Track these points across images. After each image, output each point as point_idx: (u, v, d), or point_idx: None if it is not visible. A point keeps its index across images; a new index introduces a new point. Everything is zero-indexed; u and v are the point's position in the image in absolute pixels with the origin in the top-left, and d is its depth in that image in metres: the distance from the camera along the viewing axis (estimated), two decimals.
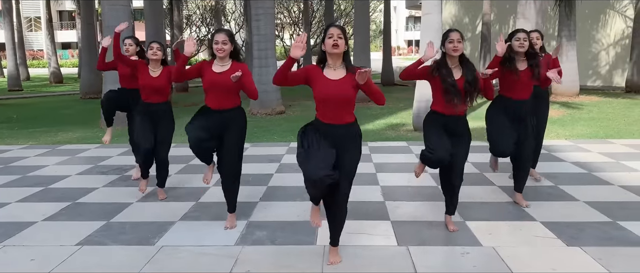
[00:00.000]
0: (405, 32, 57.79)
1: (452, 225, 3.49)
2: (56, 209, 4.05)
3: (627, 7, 15.80)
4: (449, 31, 3.26)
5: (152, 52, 4.11)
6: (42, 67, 37.15)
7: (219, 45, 3.34)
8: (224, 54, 3.37)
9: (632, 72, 13.72)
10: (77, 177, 5.18)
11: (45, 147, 6.96)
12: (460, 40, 3.21)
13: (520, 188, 4.05)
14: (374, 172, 5.21)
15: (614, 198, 4.20)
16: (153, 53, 4.11)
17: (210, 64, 3.43)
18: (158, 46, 4.14)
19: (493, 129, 3.90)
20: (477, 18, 18.49)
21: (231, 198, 3.56)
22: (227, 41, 3.36)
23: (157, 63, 4.17)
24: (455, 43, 3.19)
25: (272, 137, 7.52)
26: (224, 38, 3.36)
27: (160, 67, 4.19)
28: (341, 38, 2.68)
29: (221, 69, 3.39)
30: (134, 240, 3.34)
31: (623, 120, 8.57)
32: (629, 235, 3.36)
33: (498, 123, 3.85)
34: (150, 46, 4.15)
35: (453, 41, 3.19)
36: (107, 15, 8.64)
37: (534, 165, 4.72)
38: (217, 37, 3.36)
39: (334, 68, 2.73)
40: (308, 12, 22.56)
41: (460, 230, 3.47)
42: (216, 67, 3.41)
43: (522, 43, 3.73)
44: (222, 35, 3.37)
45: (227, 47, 3.36)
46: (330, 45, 2.67)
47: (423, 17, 8.10)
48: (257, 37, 10.41)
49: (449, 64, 3.25)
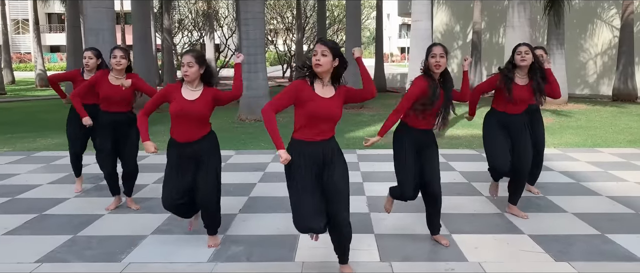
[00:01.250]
0: (398, 40, 58.09)
1: (443, 239, 3.34)
2: (20, 222, 3.82)
3: (614, 17, 15.95)
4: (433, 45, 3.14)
5: (116, 61, 3.79)
6: (30, 70, 36.59)
7: (185, 68, 3.04)
8: (189, 79, 3.05)
9: (618, 81, 13.81)
10: (48, 186, 4.96)
11: (20, 153, 6.71)
12: (443, 54, 3.05)
13: (515, 201, 3.92)
14: (361, 181, 5.06)
15: (602, 210, 4.10)
16: (117, 62, 3.80)
17: (178, 87, 3.11)
18: (122, 54, 3.83)
19: (489, 145, 3.79)
20: (467, 26, 18.54)
21: (212, 225, 3.29)
22: (193, 63, 3.04)
23: (121, 72, 3.88)
24: (437, 58, 3.04)
25: (259, 144, 7.36)
26: (189, 60, 3.04)
27: (124, 76, 3.89)
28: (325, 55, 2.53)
29: (193, 96, 3.08)
30: (99, 257, 3.14)
31: (610, 129, 8.54)
32: (619, 249, 3.24)
33: (494, 139, 3.73)
34: (113, 54, 3.82)
35: (435, 55, 3.05)
36: (90, 17, 8.45)
37: (533, 182, 4.57)
38: (184, 58, 3.06)
39: (322, 84, 2.61)
40: (301, 18, 22.50)
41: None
42: (186, 92, 3.09)
43: (524, 57, 3.59)
44: (188, 56, 3.06)
45: (192, 69, 3.03)
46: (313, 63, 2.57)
47: (413, 23, 8.05)
48: (247, 42, 10.27)
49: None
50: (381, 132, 3.12)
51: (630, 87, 13.66)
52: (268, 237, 3.48)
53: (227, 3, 31.92)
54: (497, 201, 4.29)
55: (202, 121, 3.12)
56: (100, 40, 8.17)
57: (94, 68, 4.34)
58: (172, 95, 3.08)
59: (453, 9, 19.25)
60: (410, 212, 4.00)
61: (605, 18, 16.41)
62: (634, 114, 10.70)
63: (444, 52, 3.08)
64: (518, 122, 3.73)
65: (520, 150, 3.72)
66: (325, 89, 2.62)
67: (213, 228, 3.30)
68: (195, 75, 3.07)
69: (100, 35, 8.29)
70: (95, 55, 4.34)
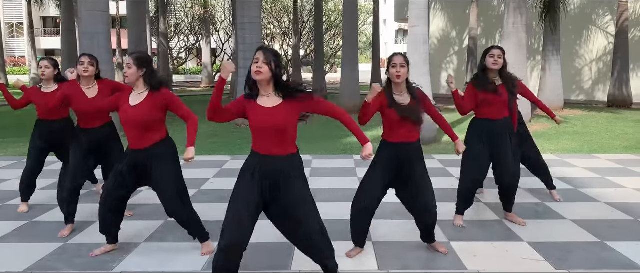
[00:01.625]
0: (395, 45, 58.28)
1: (442, 247, 3.29)
2: (9, 229, 3.74)
3: (609, 23, 16.05)
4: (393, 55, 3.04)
5: (84, 68, 3.52)
6: (24, 73, 36.38)
7: (124, 69, 2.93)
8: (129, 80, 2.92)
9: (613, 87, 13.88)
10: (40, 192, 4.86)
11: (11, 159, 6.62)
12: (404, 64, 2.98)
13: (510, 208, 3.88)
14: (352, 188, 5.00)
15: (601, 217, 4.06)
16: (84, 69, 3.52)
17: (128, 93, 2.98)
18: (89, 60, 3.58)
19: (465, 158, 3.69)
20: (464, 32, 18.60)
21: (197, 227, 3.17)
22: (132, 64, 2.91)
23: (91, 80, 3.60)
24: (397, 68, 2.97)
25: (247, 150, 7.28)
26: (128, 61, 2.93)
27: (95, 84, 3.62)
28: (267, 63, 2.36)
29: (137, 100, 2.93)
30: (90, 265, 3.07)
31: (606, 135, 8.54)
32: (618, 257, 3.20)
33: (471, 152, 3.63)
34: (80, 61, 3.57)
35: (396, 65, 2.98)
36: (85, 21, 8.36)
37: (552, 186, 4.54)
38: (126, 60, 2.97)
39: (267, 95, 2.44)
40: (298, 23, 22.51)
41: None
42: (133, 97, 2.95)
43: (496, 60, 3.57)
44: (127, 57, 2.96)
45: (131, 71, 2.90)
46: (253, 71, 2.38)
47: (410, 29, 8.01)
48: (243, 46, 10.24)
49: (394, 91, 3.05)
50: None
51: (625, 94, 13.72)
52: (264, 244, 3.42)
53: (224, 7, 31.95)
54: (495, 207, 4.25)
55: (150, 126, 2.93)
56: (95, 44, 8.09)
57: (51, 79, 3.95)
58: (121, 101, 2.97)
59: (449, 15, 19.33)
60: (409, 219, 3.95)
61: (600, 24, 16.51)
62: (630, 120, 10.73)
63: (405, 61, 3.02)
64: (498, 128, 3.65)
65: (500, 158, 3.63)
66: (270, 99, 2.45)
67: (200, 235, 3.20)
68: (135, 77, 2.94)
69: (95, 39, 8.21)
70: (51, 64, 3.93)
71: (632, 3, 15.18)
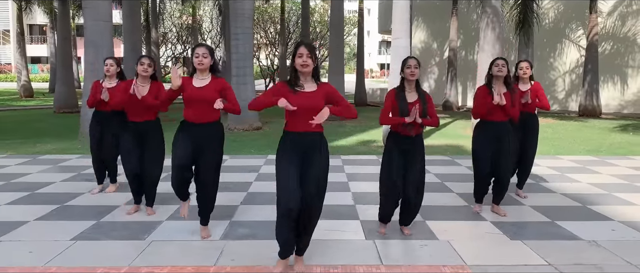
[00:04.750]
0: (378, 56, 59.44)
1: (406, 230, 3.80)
2: (46, 211, 4.28)
3: (581, 37, 17.11)
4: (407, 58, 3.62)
5: (143, 68, 4.02)
6: (10, 80, 36.20)
7: (200, 58, 3.43)
8: (203, 67, 3.45)
9: (584, 98, 14.84)
10: (62, 183, 5.38)
11: (25, 156, 7.08)
12: (417, 65, 3.57)
13: (498, 202, 4.36)
14: (346, 181, 5.64)
15: (555, 203, 4.77)
16: (144, 70, 4.02)
17: (190, 79, 3.51)
18: (149, 62, 4.07)
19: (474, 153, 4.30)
20: (444, 44, 19.53)
21: (206, 210, 3.58)
22: (208, 54, 3.46)
23: (146, 79, 4.10)
24: (412, 68, 3.57)
25: (249, 150, 7.87)
26: (204, 51, 3.45)
27: (149, 83, 4.10)
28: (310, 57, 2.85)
29: (201, 83, 3.47)
30: (125, 236, 3.63)
31: (572, 140, 9.37)
32: (563, 232, 3.89)
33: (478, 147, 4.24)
34: (140, 61, 4.04)
35: (410, 66, 3.57)
36: (89, 30, 8.88)
37: (521, 186, 5.02)
38: (198, 50, 3.46)
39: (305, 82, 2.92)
40: (285, 33, 23.18)
41: (419, 227, 3.92)
42: (196, 81, 3.48)
43: (501, 69, 4.13)
44: (203, 48, 3.47)
45: (206, 60, 3.45)
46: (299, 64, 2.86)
47: (393, 41, 8.72)
48: (236, 55, 10.80)
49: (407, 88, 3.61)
50: None
51: (595, 103, 14.69)
52: (270, 222, 3.97)
53: (211, 17, 32.48)
54: (466, 196, 4.92)
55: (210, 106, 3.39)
56: (99, 52, 8.60)
57: (114, 75, 4.71)
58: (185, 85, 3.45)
59: (431, 28, 20.25)
60: None
61: (573, 38, 17.57)
62: (596, 127, 11.62)
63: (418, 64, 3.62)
64: (501, 130, 4.18)
65: (499, 156, 4.17)
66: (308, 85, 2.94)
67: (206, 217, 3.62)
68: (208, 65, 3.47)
69: (100, 48, 8.72)
70: (115, 63, 4.71)
71: (602, 18, 16.27)
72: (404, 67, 3.62)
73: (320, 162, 2.92)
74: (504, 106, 4.10)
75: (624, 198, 4.96)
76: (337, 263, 3.16)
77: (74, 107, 14.58)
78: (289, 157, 2.90)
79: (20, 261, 3.14)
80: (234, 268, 3.07)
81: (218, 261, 3.19)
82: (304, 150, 2.91)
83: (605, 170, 6.49)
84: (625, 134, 10.38)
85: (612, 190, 5.34)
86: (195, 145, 3.47)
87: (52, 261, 3.15)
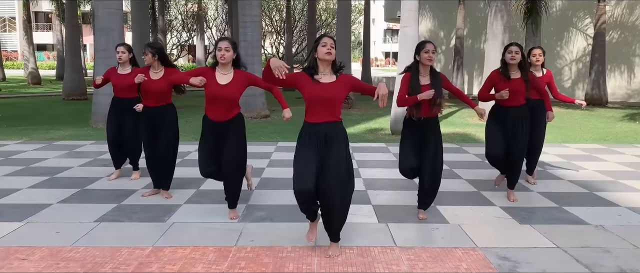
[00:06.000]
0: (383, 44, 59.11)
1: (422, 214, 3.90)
2: (67, 194, 4.41)
3: (588, 26, 17.01)
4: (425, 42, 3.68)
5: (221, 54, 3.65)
6: (16, 68, 36.41)
7: (222, 52, 3.40)
8: (225, 61, 3.42)
9: (591, 86, 14.82)
10: (80, 168, 5.52)
11: (40, 142, 7.23)
12: (434, 51, 3.64)
13: (512, 186, 4.45)
14: (356, 167, 5.75)
15: (563, 190, 4.86)
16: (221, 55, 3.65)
17: (213, 72, 3.48)
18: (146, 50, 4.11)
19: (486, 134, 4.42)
20: (451, 32, 19.46)
21: (234, 196, 3.72)
22: (230, 48, 3.42)
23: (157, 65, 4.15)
24: (430, 53, 3.63)
25: (259, 137, 7.98)
26: (226, 45, 3.41)
27: (162, 69, 4.17)
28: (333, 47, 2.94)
29: (225, 80, 3.46)
30: (146, 218, 3.76)
31: (579, 128, 9.42)
32: (571, 217, 3.99)
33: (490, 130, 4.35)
34: (144, 52, 4.12)
35: (428, 51, 3.63)
36: (100, 18, 8.96)
37: (531, 172, 5.08)
38: (221, 44, 3.42)
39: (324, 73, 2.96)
40: (290, 21, 23.15)
41: (431, 211, 4.03)
42: (220, 77, 3.46)
43: (514, 56, 4.14)
44: (225, 42, 3.42)
45: (229, 54, 3.41)
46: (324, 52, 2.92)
47: (401, 29, 8.75)
48: (244, 43, 10.85)
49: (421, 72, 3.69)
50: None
51: (602, 92, 14.67)
52: (285, 206, 4.13)
53: (217, 4, 32.43)
54: (475, 183, 5.02)
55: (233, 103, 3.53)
56: (110, 39, 8.69)
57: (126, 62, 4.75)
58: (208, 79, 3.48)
59: (437, 16, 20.17)
60: (401, 190, 4.71)
61: (580, 27, 17.47)
62: (603, 116, 11.65)
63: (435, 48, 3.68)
64: (514, 114, 4.23)
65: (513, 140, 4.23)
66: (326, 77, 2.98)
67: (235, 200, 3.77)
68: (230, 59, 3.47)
69: (111, 34, 8.81)
70: (127, 49, 4.71)
71: (610, 7, 16.15)
72: (420, 50, 3.64)
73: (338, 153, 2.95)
74: (519, 91, 4.15)
75: (630, 185, 5.04)
76: (352, 245, 3.28)
77: (83, 94, 14.72)
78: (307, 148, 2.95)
79: (49, 241, 3.28)
80: (253, 248, 3.19)
81: (238, 241, 3.32)
82: (324, 140, 2.95)
83: (612, 157, 6.57)
84: (631, 123, 10.41)
85: (619, 177, 5.43)
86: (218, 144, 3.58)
87: (79, 241, 3.28)
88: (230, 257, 3.06)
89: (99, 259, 2.98)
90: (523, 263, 3.02)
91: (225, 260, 3.01)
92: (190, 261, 2.98)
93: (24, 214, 3.81)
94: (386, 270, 2.90)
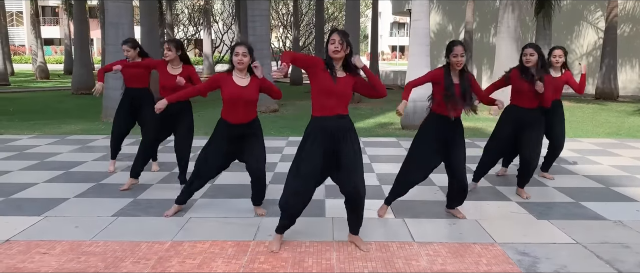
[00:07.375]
0: (390, 38, 58.78)
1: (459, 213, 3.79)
2: (84, 188, 4.44)
3: (599, 19, 16.80)
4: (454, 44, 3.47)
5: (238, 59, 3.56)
6: (24, 62, 36.64)
7: (239, 57, 3.38)
8: (242, 66, 3.39)
9: (601, 80, 14.67)
10: (94, 162, 5.55)
11: (53, 136, 7.27)
12: (463, 54, 3.48)
13: (522, 185, 4.40)
14: (369, 162, 5.73)
15: (578, 185, 4.82)
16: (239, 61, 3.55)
17: (229, 75, 3.46)
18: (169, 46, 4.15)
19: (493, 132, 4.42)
20: (460, 26, 19.29)
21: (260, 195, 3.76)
22: (247, 53, 3.40)
23: (177, 61, 4.21)
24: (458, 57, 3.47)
25: (269, 132, 7.97)
26: (244, 50, 3.39)
27: (180, 65, 4.21)
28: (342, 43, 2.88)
29: (244, 82, 3.44)
30: (163, 213, 3.77)
31: (591, 123, 9.33)
32: (588, 212, 3.96)
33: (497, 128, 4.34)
34: (167, 47, 4.16)
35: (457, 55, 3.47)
36: (110, 12, 8.97)
37: (546, 169, 5.07)
38: (238, 49, 3.40)
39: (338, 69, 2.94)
40: (297, 15, 23.06)
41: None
42: (238, 80, 3.43)
43: (528, 58, 4.05)
44: (243, 47, 3.40)
45: (246, 59, 3.39)
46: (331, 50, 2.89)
47: (413, 23, 8.68)
48: (253, 37, 10.84)
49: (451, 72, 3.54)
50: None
51: (613, 86, 14.51)
52: None
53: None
54: (489, 178, 4.99)
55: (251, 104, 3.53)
56: (119, 33, 8.71)
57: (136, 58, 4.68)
58: (224, 82, 3.43)
59: (446, 10, 20.00)
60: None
61: (591, 20, 17.27)
62: (614, 110, 11.53)
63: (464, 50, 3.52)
64: (529, 116, 4.18)
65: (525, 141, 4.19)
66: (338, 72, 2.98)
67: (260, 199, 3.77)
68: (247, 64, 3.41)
69: (120, 28, 8.83)
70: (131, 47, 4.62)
71: (622, 0, 15.94)
72: (449, 53, 3.52)
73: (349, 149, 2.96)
74: (534, 93, 4.07)
75: None
76: (370, 240, 3.27)
77: (92, 89, 14.78)
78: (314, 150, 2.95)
79: (69, 235, 3.30)
80: (271, 243, 3.19)
81: (256, 236, 3.32)
82: (333, 136, 2.94)
83: (626, 152, 6.50)
84: None
85: (634, 172, 5.37)
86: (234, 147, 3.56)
87: (98, 235, 3.30)
88: (249, 251, 3.07)
89: (119, 253, 2.99)
90: (543, 259, 3.00)
91: (244, 254, 3.01)
92: (209, 255, 2.99)
93: (42, 208, 3.84)
94: (406, 266, 2.89)
